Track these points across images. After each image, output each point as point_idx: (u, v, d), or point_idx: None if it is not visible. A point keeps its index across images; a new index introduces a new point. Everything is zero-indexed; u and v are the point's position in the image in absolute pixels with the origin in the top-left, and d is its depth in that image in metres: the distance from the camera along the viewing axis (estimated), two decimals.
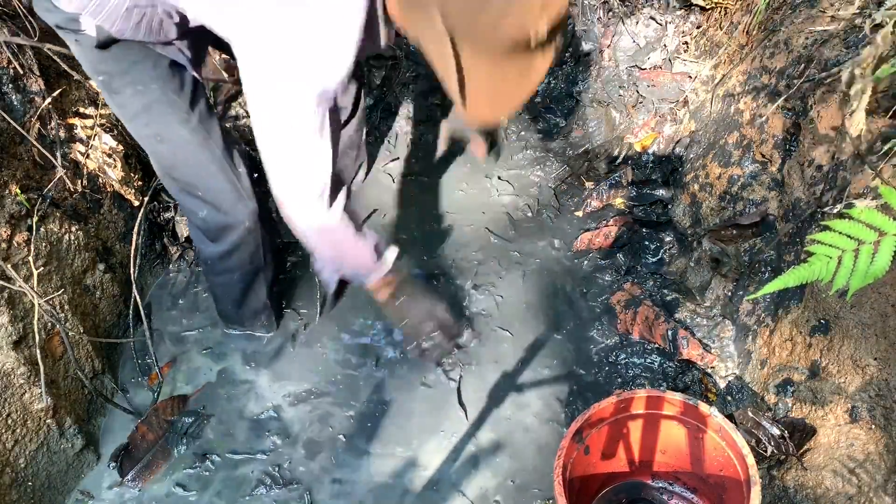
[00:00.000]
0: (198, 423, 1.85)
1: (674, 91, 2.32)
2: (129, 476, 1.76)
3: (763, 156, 1.86)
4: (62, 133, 1.83)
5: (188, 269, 2.20)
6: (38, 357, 1.59)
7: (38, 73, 1.76)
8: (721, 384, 1.82)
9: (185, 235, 2.20)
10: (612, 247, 2.20)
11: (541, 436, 1.80)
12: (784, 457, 1.46)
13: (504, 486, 1.72)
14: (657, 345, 1.93)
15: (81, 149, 1.89)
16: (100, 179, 1.97)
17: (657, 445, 1.55)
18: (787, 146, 1.78)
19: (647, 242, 2.20)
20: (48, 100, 1.75)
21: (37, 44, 1.70)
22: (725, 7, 2.17)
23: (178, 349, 2.03)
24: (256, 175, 1.75)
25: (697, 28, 2.28)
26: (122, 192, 2.05)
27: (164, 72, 1.53)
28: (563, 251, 2.23)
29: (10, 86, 1.69)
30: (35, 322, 1.60)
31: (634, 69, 2.39)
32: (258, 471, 1.77)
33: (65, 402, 1.73)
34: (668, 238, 2.18)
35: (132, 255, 1.94)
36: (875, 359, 1.34)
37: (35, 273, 1.64)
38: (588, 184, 2.38)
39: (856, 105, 1.36)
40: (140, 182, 2.12)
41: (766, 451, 1.46)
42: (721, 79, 2.09)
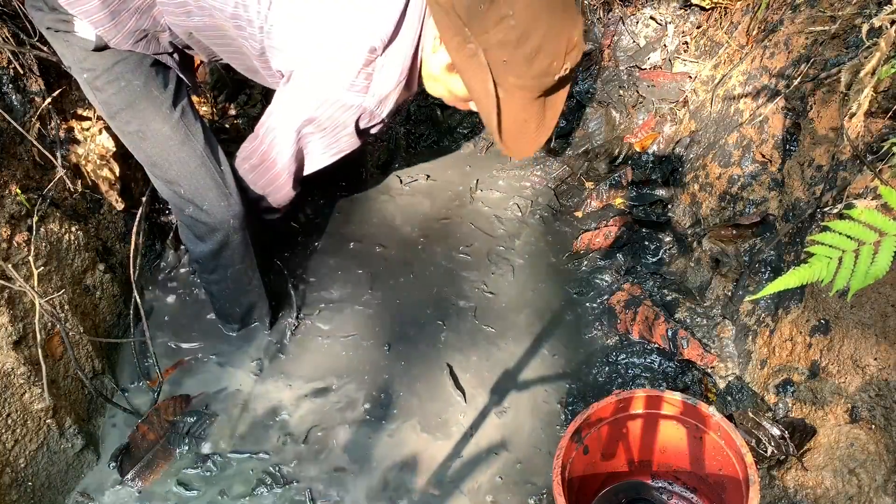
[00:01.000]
0: (200, 423, 1.85)
1: (674, 91, 2.32)
2: (130, 476, 1.76)
3: (763, 156, 1.86)
4: (62, 133, 1.83)
5: (189, 270, 2.20)
6: (40, 357, 1.59)
7: (38, 73, 1.76)
8: (721, 384, 1.82)
9: None
10: (612, 247, 2.20)
11: (540, 435, 1.80)
12: (784, 457, 1.46)
13: (504, 486, 1.72)
14: (657, 345, 1.93)
15: (81, 149, 1.89)
16: (100, 179, 1.97)
17: (657, 445, 1.55)
18: (787, 146, 1.78)
19: (647, 242, 2.20)
20: (48, 100, 1.75)
21: (36, 45, 1.70)
22: (725, 7, 2.17)
23: (179, 349, 2.03)
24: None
25: (697, 28, 2.28)
26: (123, 192, 2.05)
27: (147, 69, 1.57)
28: (563, 251, 2.23)
29: (10, 86, 1.69)
30: (35, 322, 1.60)
31: (634, 69, 2.39)
32: (259, 470, 1.77)
33: (65, 402, 1.73)
34: (668, 238, 2.18)
35: (132, 255, 1.94)
36: (875, 359, 1.34)
37: (35, 273, 1.64)
38: (588, 184, 2.38)
39: (856, 105, 1.36)
40: (141, 182, 2.12)
41: (767, 452, 1.46)
42: (721, 79, 2.09)
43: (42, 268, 1.69)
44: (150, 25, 1.49)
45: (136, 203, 2.08)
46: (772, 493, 1.48)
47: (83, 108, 1.90)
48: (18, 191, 1.65)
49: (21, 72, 1.72)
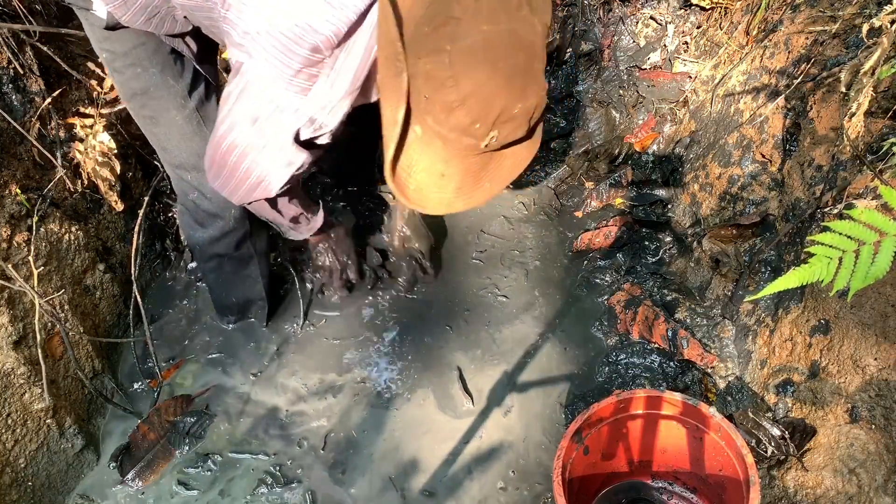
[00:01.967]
0: (200, 423, 1.85)
1: (674, 91, 2.32)
2: (130, 476, 1.76)
3: (763, 156, 1.86)
4: (62, 133, 1.83)
5: (189, 270, 2.20)
6: (40, 357, 1.59)
7: (38, 73, 1.76)
8: (721, 384, 1.82)
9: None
10: (612, 247, 2.20)
11: (540, 435, 1.80)
12: (784, 457, 1.46)
13: (505, 486, 1.72)
14: (657, 345, 1.93)
15: (81, 148, 1.89)
16: (100, 179, 1.97)
17: (657, 445, 1.55)
18: (787, 146, 1.78)
19: (647, 242, 2.20)
20: (48, 100, 1.75)
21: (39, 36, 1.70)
22: (725, 7, 2.17)
23: (179, 349, 2.03)
24: None
25: (697, 28, 2.28)
26: (123, 192, 2.05)
27: (165, 57, 1.55)
28: (563, 251, 2.23)
29: (10, 86, 1.69)
30: (35, 322, 1.60)
31: (634, 69, 2.39)
32: (260, 470, 1.77)
33: (65, 402, 1.73)
34: (668, 238, 2.18)
35: (132, 255, 1.94)
36: (875, 359, 1.34)
37: (35, 273, 1.64)
38: (588, 184, 2.38)
39: (855, 105, 1.36)
40: (141, 182, 2.12)
41: (767, 452, 1.46)
42: (721, 79, 2.09)
43: (42, 268, 1.69)
44: (161, 2, 1.42)
45: (137, 203, 2.08)
46: (772, 494, 1.49)
47: (84, 108, 1.90)
48: (18, 191, 1.65)
49: (21, 72, 1.72)
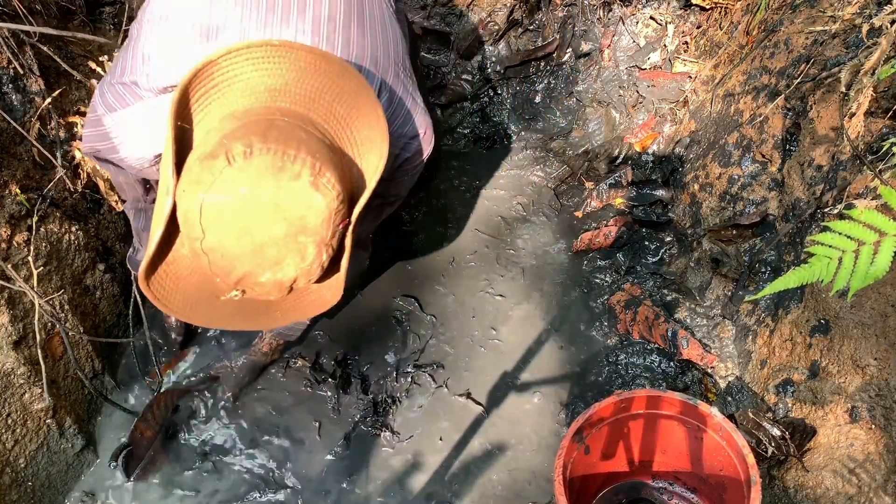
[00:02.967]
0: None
1: (674, 91, 2.32)
2: (130, 475, 1.76)
3: (763, 156, 1.86)
4: (62, 133, 1.83)
5: None
6: (40, 357, 1.59)
7: (38, 73, 1.75)
8: (721, 384, 1.82)
9: None
10: (612, 247, 2.20)
11: (541, 435, 1.80)
12: (784, 457, 1.46)
13: (503, 486, 1.72)
14: (657, 345, 1.93)
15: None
16: (99, 179, 1.97)
17: (657, 445, 1.55)
18: (787, 146, 1.78)
19: (647, 242, 2.20)
20: (48, 100, 1.75)
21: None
22: (725, 7, 2.17)
23: (179, 349, 2.03)
24: None
25: (697, 28, 2.28)
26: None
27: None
28: (563, 251, 2.23)
29: (10, 86, 1.69)
30: (35, 322, 1.60)
31: (634, 69, 2.39)
32: (254, 475, 1.77)
33: (65, 402, 1.73)
34: (668, 238, 2.18)
35: None
36: (875, 359, 1.34)
37: (35, 273, 1.64)
38: (588, 184, 2.38)
39: (855, 105, 1.36)
40: None
41: (767, 452, 1.46)
42: (721, 79, 2.09)
43: (42, 268, 1.68)
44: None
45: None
46: (772, 494, 1.49)
47: (84, 107, 1.89)
48: (18, 191, 1.64)
49: (21, 72, 1.71)
